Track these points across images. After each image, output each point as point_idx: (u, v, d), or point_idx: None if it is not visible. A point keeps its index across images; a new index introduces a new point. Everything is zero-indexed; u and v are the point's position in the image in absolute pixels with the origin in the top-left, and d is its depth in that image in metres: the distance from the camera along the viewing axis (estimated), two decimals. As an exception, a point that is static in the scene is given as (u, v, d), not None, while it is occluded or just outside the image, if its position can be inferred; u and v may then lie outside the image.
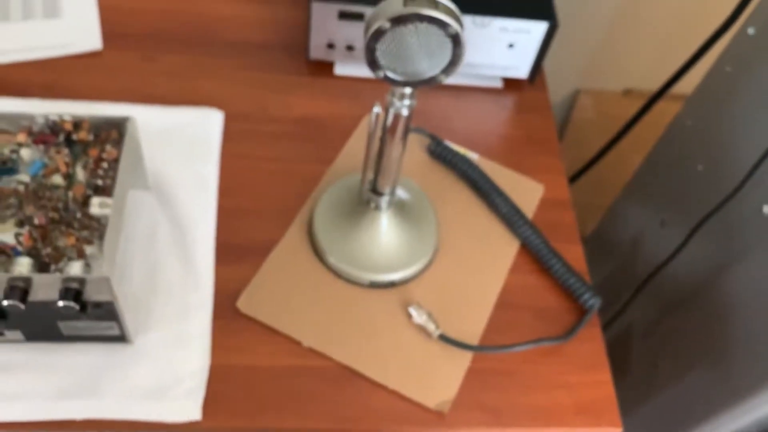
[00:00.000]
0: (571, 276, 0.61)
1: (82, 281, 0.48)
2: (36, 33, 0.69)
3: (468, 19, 0.66)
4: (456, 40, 0.45)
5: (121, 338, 0.54)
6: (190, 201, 0.61)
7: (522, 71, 0.72)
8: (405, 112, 0.51)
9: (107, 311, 0.50)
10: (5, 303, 0.47)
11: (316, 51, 0.70)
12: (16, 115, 0.54)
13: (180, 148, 0.63)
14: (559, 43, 1.01)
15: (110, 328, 0.52)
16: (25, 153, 0.53)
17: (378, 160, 0.56)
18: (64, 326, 0.52)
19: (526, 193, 0.67)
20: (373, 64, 0.47)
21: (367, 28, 0.45)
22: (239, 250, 0.60)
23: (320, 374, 0.56)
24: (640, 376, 0.86)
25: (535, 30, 0.68)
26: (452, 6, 0.44)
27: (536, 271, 0.63)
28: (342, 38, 0.68)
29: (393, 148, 0.54)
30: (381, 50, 0.46)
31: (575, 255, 0.64)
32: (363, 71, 0.72)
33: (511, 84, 0.74)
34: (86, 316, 0.51)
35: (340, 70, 0.72)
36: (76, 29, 0.69)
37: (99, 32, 0.70)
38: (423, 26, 0.44)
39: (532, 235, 0.63)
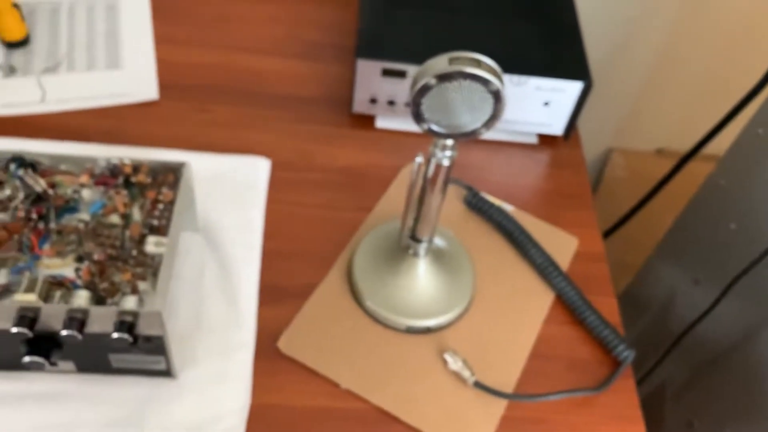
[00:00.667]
0: (605, 328, 0.62)
1: (135, 315, 0.50)
2: (98, 83, 0.73)
3: (505, 78, 0.69)
4: (497, 96, 0.48)
5: (167, 373, 0.56)
6: (237, 243, 0.63)
7: (557, 128, 0.74)
8: (446, 163, 0.54)
9: (156, 345, 0.53)
10: (64, 333, 0.49)
11: (360, 105, 0.73)
12: (80, 158, 0.58)
13: (229, 193, 0.66)
14: (593, 103, 1.04)
15: (157, 362, 0.55)
16: (87, 193, 0.57)
17: (418, 208, 0.58)
18: (114, 359, 0.54)
19: (561, 245, 0.68)
20: (418, 117, 0.49)
21: (413, 84, 0.48)
22: (281, 292, 0.62)
23: (357, 417, 0.57)
24: (674, 435, 0.85)
25: (570, 89, 0.70)
26: (494, 65, 0.47)
27: (570, 323, 0.64)
28: (384, 94, 0.72)
29: (433, 196, 0.56)
30: (426, 104, 0.48)
31: (609, 308, 0.65)
32: (402, 125, 0.75)
33: (546, 140, 0.76)
34: (137, 350, 0.53)
35: (381, 123, 0.75)
36: (135, 80, 0.74)
37: (156, 83, 0.74)
38: (466, 83, 0.47)
39: (566, 287, 0.64)
